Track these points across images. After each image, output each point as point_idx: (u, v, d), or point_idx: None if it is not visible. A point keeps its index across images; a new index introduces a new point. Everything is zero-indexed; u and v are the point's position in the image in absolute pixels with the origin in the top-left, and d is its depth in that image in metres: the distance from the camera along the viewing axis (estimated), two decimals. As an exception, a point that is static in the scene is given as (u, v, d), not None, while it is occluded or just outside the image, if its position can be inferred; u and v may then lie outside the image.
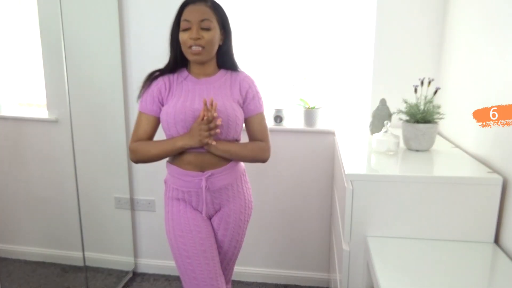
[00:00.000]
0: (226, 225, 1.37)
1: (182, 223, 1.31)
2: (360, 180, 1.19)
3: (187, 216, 1.32)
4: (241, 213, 1.39)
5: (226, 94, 1.32)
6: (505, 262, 1.07)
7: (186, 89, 1.31)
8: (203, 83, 1.33)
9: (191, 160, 1.30)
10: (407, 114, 1.45)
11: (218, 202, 1.35)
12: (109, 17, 2.05)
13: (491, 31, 1.34)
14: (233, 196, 1.37)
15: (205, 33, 1.24)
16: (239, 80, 1.35)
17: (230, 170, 1.34)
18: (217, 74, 1.36)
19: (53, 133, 2.21)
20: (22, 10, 2.20)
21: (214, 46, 1.29)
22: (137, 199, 2.31)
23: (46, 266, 2.34)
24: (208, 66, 1.34)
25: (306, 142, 2.09)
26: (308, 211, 2.17)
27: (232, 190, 1.36)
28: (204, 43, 1.24)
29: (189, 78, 1.34)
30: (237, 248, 1.44)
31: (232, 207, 1.37)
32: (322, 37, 2.10)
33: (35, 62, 2.16)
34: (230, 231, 1.38)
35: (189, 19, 1.24)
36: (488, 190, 1.15)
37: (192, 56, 1.27)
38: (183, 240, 1.30)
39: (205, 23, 1.24)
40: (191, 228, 1.30)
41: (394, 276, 1.01)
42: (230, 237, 1.39)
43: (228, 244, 1.40)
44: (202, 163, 1.30)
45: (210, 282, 1.28)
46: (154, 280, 2.31)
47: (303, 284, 2.25)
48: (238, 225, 1.39)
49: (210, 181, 1.30)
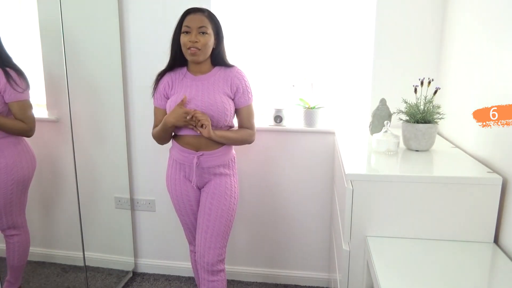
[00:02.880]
0: (213, 194, 1.62)
1: (178, 190, 1.67)
2: (360, 180, 1.19)
3: (180, 187, 1.67)
4: (227, 188, 1.63)
5: (219, 88, 1.58)
6: (505, 262, 1.07)
7: (185, 85, 1.59)
8: (199, 80, 1.59)
9: (190, 141, 1.60)
10: (407, 114, 1.45)
11: (206, 177, 1.63)
12: (109, 17, 2.05)
13: (491, 31, 1.34)
14: (220, 175, 1.63)
15: (202, 37, 1.51)
16: (231, 76, 1.60)
17: (219, 154, 1.61)
18: (211, 71, 1.61)
19: (53, 133, 2.21)
20: (22, 10, 2.19)
21: (208, 49, 1.55)
22: (137, 199, 2.31)
23: (46, 266, 2.34)
24: (203, 65, 1.60)
25: (306, 142, 2.09)
26: (308, 211, 2.17)
27: (219, 170, 1.62)
28: (200, 46, 1.51)
29: (188, 75, 1.61)
30: (223, 219, 1.61)
31: (218, 182, 1.62)
32: (322, 37, 2.10)
33: (35, 62, 2.16)
34: (216, 199, 1.61)
35: (189, 25, 1.51)
36: (488, 190, 1.15)
37: (190, 56, 1.53)
38: (177, 202, 1.70)
39: (202, 29, 1.50)
40: (183, 198, 1.68)
41: (394, 276, 1.01)
42: (216, 204, 1.61)
43: (215, 212, 1.61)
44: (198, 145, 1.59)
45: (192, 228, 1.74)
46: (154, 280, 2.31)
47: (303, 284, 2.25)
48: (224, 197, 1.62)
49: (200, 160, 1.59)
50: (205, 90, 1.56)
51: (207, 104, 1.53)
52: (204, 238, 1.60)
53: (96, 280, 2.20)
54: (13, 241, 1.86)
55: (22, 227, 1.88)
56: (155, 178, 2.24)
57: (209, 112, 1.52)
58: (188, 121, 1.50)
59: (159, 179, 2.22)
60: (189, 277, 2.33)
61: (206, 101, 1.53)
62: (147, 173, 2.26)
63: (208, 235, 1.60)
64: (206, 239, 1.60)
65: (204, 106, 1.53)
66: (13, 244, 1.86)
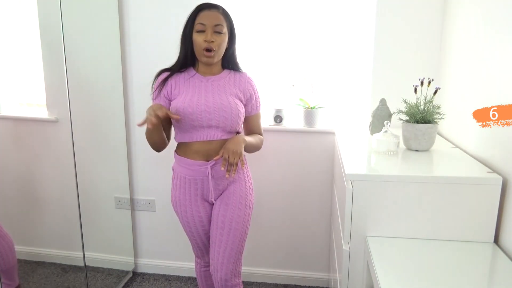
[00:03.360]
0: (226, 206, 1.50)
1: (188, 211, 1.52)
2: (360, 180, 1.19)
3: (191, 208, 1.52)
4: (241, 196, 1.52)
5: (230, 91, 1.48)
6: (505, 262, 1.07)
7: (193, 86, 1.46)
8: (209, 81, 1.48)
9: (198, 149, 1.46)
10: (407, 114, 1.45)
11: (221, 187, 1.51)
12: (109, 17, 2.05)
13: (491, 31, 1.34)
14: (234, 181, 1.52)
15: (217, 36, 1.40)
16: (244, 82, 1.52)
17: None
18: (221, 73, 1.52)
19: (53, 133, 2.21)
20: (22, 10, 2.19)
21: (223, 50, 1.45)
22: (137, 199, 2.31)
23: (46, 266, 2.34)
24: (214, 66, 1.50)
25: (306, 142, 2.09)
26: (308, 211, 2.17)
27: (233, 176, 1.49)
28: (215, 46, 1.40)
29: (196, 76, 1.49)
30: (238, 232, 1.50)
31: (233, 189, 1.51)
32: (322, 37, 2.10)
33: (35, 62, 2.16)
34: (229, 212, 1.49)
35: (204, 22, 1.38)
36: (488, 190, 1.15)
37: (206, 58, 1.42)
38: (188, 224, 1.56)
39: (218, 27, 1.39)
40: (194, 219, 1.54)
41: (394, 276, 1.01)
42: (230, 217, 1.49)
43: (229, 225, 1.49)
44: (208, 152, 1.45)
45: (204, 249, 1.63)
46: (154, 280, 2.31)
47: (303, 284, 2.25)
48: (238, 207, 1.50)
49: (214, 170, 1.46)
50: (216, 92, 1.45)
51: (219, 105, 1.42)
52: (217, 253, 1.49)
53: (96, 280, 2.20)
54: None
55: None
56: (155, 178, 2.24)
57: (221, 113, 1.42)
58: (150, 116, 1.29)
59: (159, 179, 2.22)
60: (189, 277, 2.33)
61: (218, 102, 1.42)
62: (147, 173, 2.26)
63: (222, 250, 1.49)
64: (220, 253, 1.49)
65: (217, 107, 1.42)
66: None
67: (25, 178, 2.33)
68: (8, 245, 1.90)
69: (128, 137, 2.23)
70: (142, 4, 2.06)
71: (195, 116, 1.41)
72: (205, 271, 1.73)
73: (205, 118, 1.42)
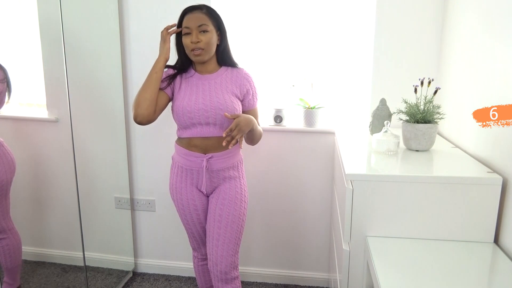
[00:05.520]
0: (223, 200, 1.56)
1: (184, 199, 1.60)
2: (360, 180, 1.19)
3: (187, 195, 1.59)
4: (237, 192, 1.58)
5: (227, 88, 1.54)
6: (505, 262, 1.07)
7: (192, 84, 1.54)
8: (206, 79, 1.55)
9: (197, 144, 1.53)
10: (407, 114, 1.45)
11: (215, 181, 1.57)
12: (109, 17, 2.05)
13: (491, 31, 1.34)
14: (229, 178, 1.58)
15: (203, 36, 1.46)
16: (240, 78, 1.57)
17: (229, 155, 1.56)
18: (218, 71, 1.57)
19: (53, 133, 2.21)
20: (22, 10, 2.19)
21: (212, 46, 1.50)
22: (137, 199, 2.31)
23: (46, 266, 2.34)
24: (209, 64, 1.56)
25: (306, 142, 2.09)
26: (308, 211, 2.17)
27: (228, 172, 1.57)
28: (203, 45, 1.46)
29: (195, 75, 1.56)
30: (235, 225, 1.56)
31: (228, 186, 1.57)
32: (322, 37, 2.10)
33: (35, 62, 2.16)
34: (226, 205, 1.56)
35: (188, 25, 1.46)
36: (488, 190, 1.15)
37: (195, 57, 1.49)
38: (183, 212, 1.63)
39: (202, 27, 1.46)
40: (189, 207, 1.60)
41: (394, 276, 1.01)
42: (227, 211, 1.56)
43: (226, 218, 1.55)
44: (206, 147, 1.53)
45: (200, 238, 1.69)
46: (154, 280, 2.31)
47: (303, 284, 2.26)
48: (234, 202, 1.57)
49: (210, 162, 1.53)
50: (213, 90, 1.51)
51: (216, 103, 1.48)
52: (215, 247, 1.54)
53: (96, 280, 2.20)
54: (2, 245, 1.86)
55: (9, 230, 1.88)
56: (155, 178, 2.24)
57: (218, 111, 1.48)
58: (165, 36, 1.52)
59: (159, 179, 2.22)
60: (189, 277, 2.33)
61: (215, 100, 1.49)
62: (147, 173, 2.26)
63: (220, 243, 1.54)
64: (218, 247, 1.54)
65: (213, 105, 1.48)
66: (2, 247, 1.86)
67: (25, 178, 2.33)
68: (17, 243, 1.92)
69: (128, 137, 2.23)
70: (142, 4, 2.06)
71: (193, 114, 1.49)
72: (203, 265, 1.77)
73: (203, 116, 1.49)
